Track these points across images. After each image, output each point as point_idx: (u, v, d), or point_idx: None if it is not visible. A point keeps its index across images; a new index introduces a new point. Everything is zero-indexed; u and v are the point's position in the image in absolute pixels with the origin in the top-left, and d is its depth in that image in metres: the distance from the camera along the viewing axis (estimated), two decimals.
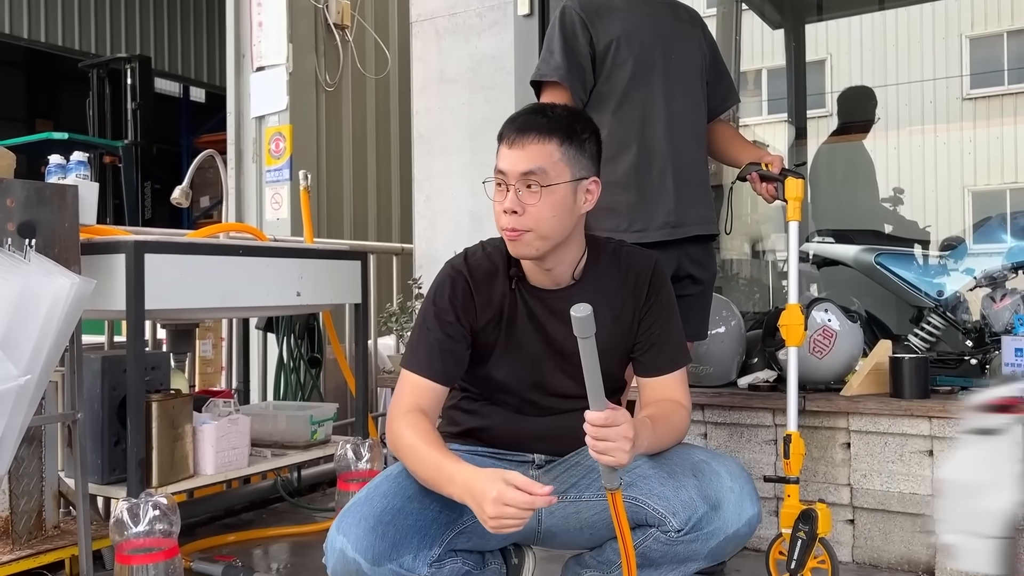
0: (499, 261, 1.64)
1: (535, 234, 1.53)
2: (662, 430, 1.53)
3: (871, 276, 3.62)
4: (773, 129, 5.59)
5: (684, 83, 2.19)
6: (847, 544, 2.39)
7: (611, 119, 2.13)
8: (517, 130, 1.53)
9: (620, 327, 1.65)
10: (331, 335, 3.16)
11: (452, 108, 3.50)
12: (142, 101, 6.44)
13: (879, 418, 2.33)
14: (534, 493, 1.29)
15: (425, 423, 1.52)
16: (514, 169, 1.52)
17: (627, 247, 1.73)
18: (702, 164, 2.24)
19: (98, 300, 2.06)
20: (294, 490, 3.17)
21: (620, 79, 2.14)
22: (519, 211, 1.51)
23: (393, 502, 1.45)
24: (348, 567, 1.39)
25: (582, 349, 1.23)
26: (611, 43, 2.13)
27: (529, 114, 1.58)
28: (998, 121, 7.52)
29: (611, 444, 1.30)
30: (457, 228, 3.46)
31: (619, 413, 1.31)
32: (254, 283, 2.34)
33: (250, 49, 4.19)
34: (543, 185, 1.51)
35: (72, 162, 2.18)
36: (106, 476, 2.20)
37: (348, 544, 1.39)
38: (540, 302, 1.63)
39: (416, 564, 1.41)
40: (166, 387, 2.33)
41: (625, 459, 1.31)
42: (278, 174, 4.02)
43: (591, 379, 1.26)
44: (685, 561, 1.50)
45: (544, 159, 1.52)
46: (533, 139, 1.52)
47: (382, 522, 1.41)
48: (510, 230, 1.53)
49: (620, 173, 2.12)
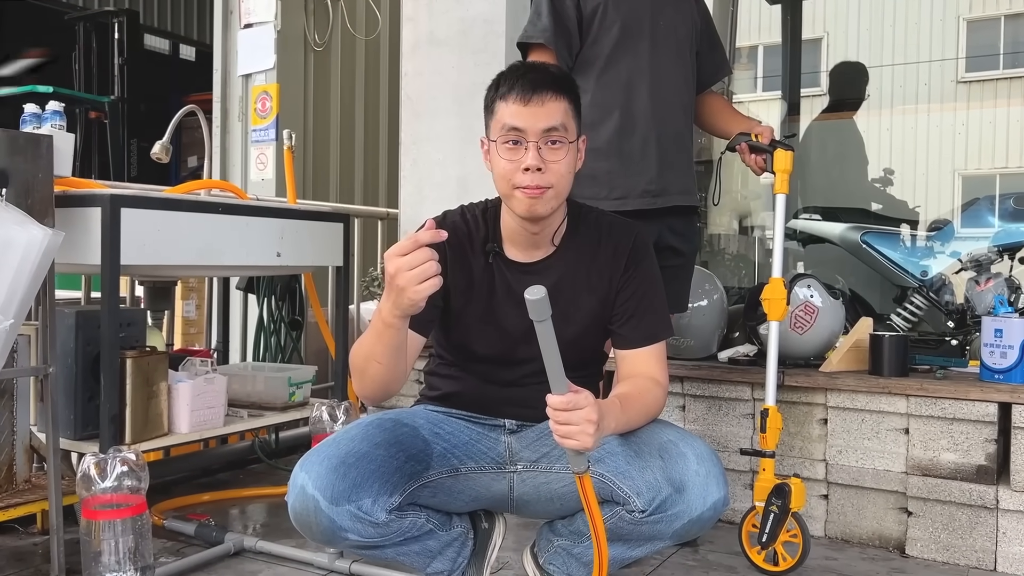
0: (475, 231, 1.61)
1: (554, 191, 1.50)
2: (633, 410, 1.50)
3: (856, 254, 3.62)
4: (767, 106, 5.56)
5: (672, 50, 2.15)
6: (820, 519, 2.40)
7: (595, 84, 2.11)
8: (531, 87, 1.49)
9: (596, 297, 1.62)
10: (312, 298, 3.13)
11: (442, 71, 3.44)
12: (129, 57, 6.35)
13: (857, 395, 2.34)
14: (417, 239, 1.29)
15: None
16: (535, 126, 1.48)
17: (609, 216, 1.70)
18: (686, 134, 2.20)
19: (73, 254, 2.04)
20: (272, 452, 3.17)
21: (606, 43, 2.10)
22: (543, 168, 1.48)
23: (360, 446, 1.45)
24: (307, 504, 1.39)
25: (539, 332, 1.19)
26: (598, 6, 2.10)
27: (533, 71, 1.54)
28: (991, 105, 7.51)
29: (574, 428, 1.26)
30: (444, 193, 3.42)
31: (581, 396, 1.27)
32: (233, 242, 2.31)
33: (238, 5, 4.11)
34: (570, 141, 1.51)
35: (48, 112, 2.12)
36: (79, 432, 2.18)
37: (309, 481, 1.39)
38: (519, 275, 1.60)
39: (374, 509, 1.40)
40: (142, 344, 2.30)
41: (590, 443, 1.27)
42: (264, 134, 3.96)
43: (550, 362, 1.23)
44: (651, 540, 1.49)
45: (563, 115, 1.50)
46: (550, 96, 1.49)
47: (345, 463, 1.40)
48: (532, 188, 1.48)
49: (602, 140, 2.10)
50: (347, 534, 1.40)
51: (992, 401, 2.17)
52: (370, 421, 1.54)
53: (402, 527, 1.46)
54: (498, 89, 1.53)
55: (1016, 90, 7.88)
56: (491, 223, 1.62)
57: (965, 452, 2.20)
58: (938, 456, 2.24)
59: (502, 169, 1.51)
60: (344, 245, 2.72)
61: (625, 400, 1.49)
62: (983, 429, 2.18)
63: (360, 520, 1.40)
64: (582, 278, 1.60)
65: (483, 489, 1.62)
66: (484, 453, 1.63)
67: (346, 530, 1.40)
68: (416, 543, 1.53)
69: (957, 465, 2.21)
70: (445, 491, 1.55)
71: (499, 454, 1.64)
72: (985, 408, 2.18)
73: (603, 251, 1.62)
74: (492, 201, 1.65)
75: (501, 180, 1.52)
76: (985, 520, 2.18)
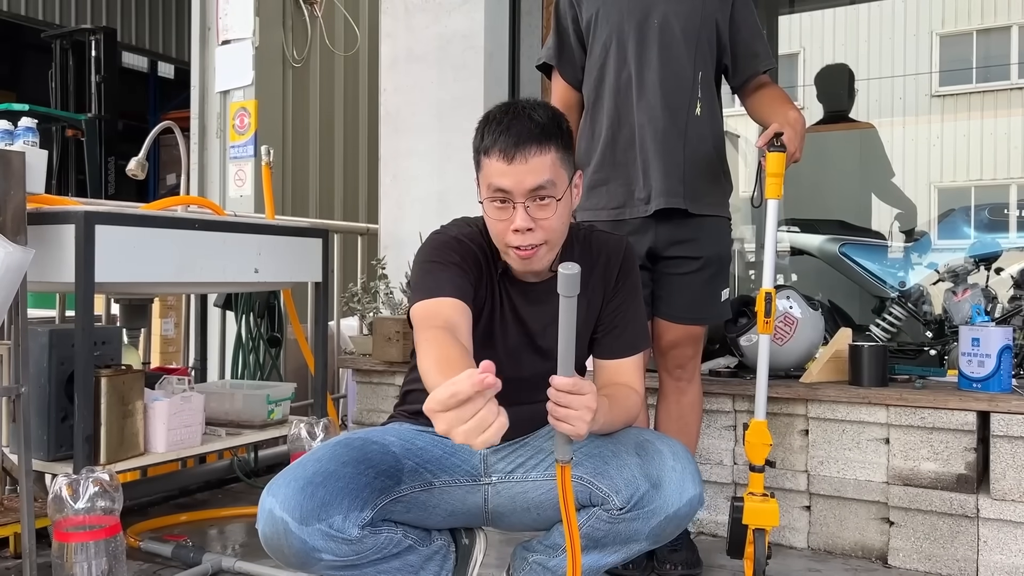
0: (479, 252, 1.58)
1: (547, 246, 1.49)
2: (617, 411, 1.52)
3: (835, 266, 3.64)
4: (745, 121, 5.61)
5: (665, 49, 2.04)
6: (803, 530, 2.40)
7: (593, 94, 2.13)
8: (513, 143, 1.44)
9: (590, 313, 1.63)
10: (291, 314, 3.11)
11: (421, 86, 3.45)
12: (107, 74, 6.30)
13: (837, 405, 2.34)
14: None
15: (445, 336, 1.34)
16: (521, 186, 1.44)
17: (597, 231, 1.71)
18: (672, 134, 2.05)
19: (47, 272, 2.01)
20: (251, 471, 3.13)
21: (598, 53, 2.11)
22: (533, 227, 1.46)
23: (327, 466, 1.42)
24: (276, 527, 1.36)
25: (562, 308, 1.17)
26: (592, 17, 2.10)
27: (515, 120, 1.46)
28: (965, 118, 7.62)
29: (573, 412, 1.25)
30: (424, 209, 3.42)
31: (586, 383, 1.27)
32: (210, 258, 2.29)
33: (216, 22, 4.10)
34: (557, 198, 1.47)
35: (20, 128, 2.10)
36: (52, 452, 2.14)
37: (276, 504, 1.36)
38: (523, 296, 1.60)
39: (346, 525, 1.37)
40: (117, 362, 2.27)
41: (584, 429, 1.26)
42: (242, 150, 3.95)
43: (565, 342, 1.21)
44: (628, 542, 1.49)
45: (549, 170, 1.45)
46: (534, 151, 1.44)
47: (312, 483, 1.38)
48: (524, 249, 1.46)
49: (599, 151, 2.11)
50: (321, 554, 1.37)
51: (971, 410, 2.18)
52: (337, 441, 1.52)
53: (377, 543, 1.44)
54: (482, 140, 1.49)
55: (989, 103, 8.00)
56: (491, 243, 1.59)
57: (945, 461, 2.21)
58: (918, 466, 2.24)
59: (493, 228, 1.50)
60: (323, 261, 2.70)
61: (611, 400, 1.50)
62: (962, 438, 2.19)
63: (332, 538, 1.37)
64: (581, 297, 1.60)
65: (458, 503, 1.61)
66: (458, 467, 1.61)
67: (319, 550, 1.36)
68: (396, 559, 1.50)
69: (937, 474, 2.22)
70: (420, 506, 1.53)
71: (474, 467, 1.63)
72: (964, 417, 2.19)
73: (597, 267, 1.63)
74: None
75: (495, 238, 1.52)
76: (966, 529, 2.18)
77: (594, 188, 2.12)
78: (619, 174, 2.10)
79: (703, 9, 2.06)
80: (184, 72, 8.76)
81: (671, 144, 2.05)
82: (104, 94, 6.27)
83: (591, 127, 2.14)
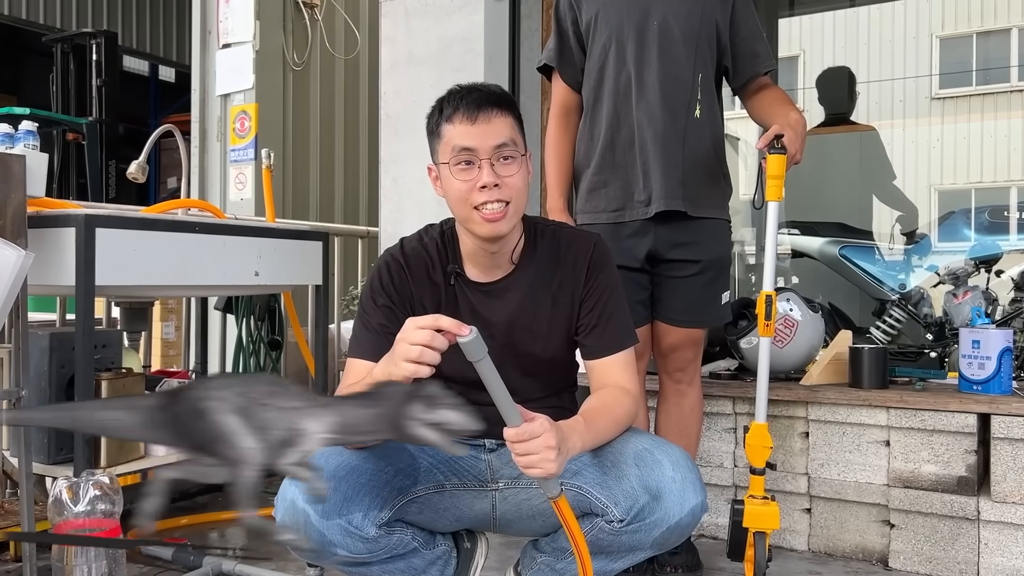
0: (435, 253, 1.60)
1: (513, 207, 1.50)
2: (601, 424, 1.48)
3: (835, 268, 3.64)
4: (746, 123, 5.62)
5: (665, 50, 2.03)
6: (803, 533, 2.40)
7: (593, 96, 2.12)
8: (476, 105, 1.49)
9: (560, 312, 1.61)
10: (292, 317, 3.11)
11: (421, 90, 3.45)
12: (107, 78, 6.31)
13: (838, 407, 2.34)
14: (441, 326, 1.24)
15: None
16: (486, 143, 1.48)
17: (566, 229, 1.69)
18: (672, 136, 2.04)
19: (47, 275, 2.01)
20: None
21: (597, 55, 2.10)
22: (499, 183, 1.47)
23: (349, 459, 1.43)
24: (297, 518, 1.37)
25: (480, 372, 1.20)
26: (591, 19, 2.10)
27: (475, 91, 1.53)
28: (965, 120, 7.63)
29: (535, 457, 1.26)
30: (424, 211, 3.41)
31: (536, 423, 1.27)
32: (210, 261, 2.29)
33: (216, 25, 4.11)
34: (521, 154, 1.51)
35: (21, 131, 2.10)
36: (52, 456, 2.15)
37: (299, 495, 1.37)
38: (481, 295, 1.59)
39: (365, 524, 1.39)
40: (117, 365, 2.27)
41: (553, 468, 1.26)
42: (243, 153, 3.96)
43: (498, 398, 1.23)
44: (632, 550, 1.48)
45: (510, 131, 1.50)
46: (495, 112, 1.49)
47: (335, 476, 1.39)
48: (492, 204, 1.48)
49: (598, 152, 2.10)
50: (336, 549, 1.39)
51: (971, 412, 2.18)
52: None
53: (390, 543, 1.45)
54: (442, 112, 1.52)
55: (989, 105, 8.00)
56: (450, 245, 1.61)
57: (946, 463, 2.21)
58: (919, 468, 2.24)
59: (457, 191, 1.50)
60: (324, 263, 2.70)
61: (591, 416, 1.47)
62: (963, 440, 2.19)
63: (350, 535, 1.38)
64: (545, 294, 1.60)
65: (466, 508, 1.61)
66: (466, 471, 1.61)
67: (336, 545, 1.38)
68: (401, 560, 1.51)
69: (938, 477, 2.22)
70: (431, 508, 1.54)
71: (480, 472, 1.63)
72: (964, 419, 2.18)
73: (563, 265, 1.61)
74: (447, 223, 1.64)
75: (458, 203, 1.51)
76: (967, 531, 2.18)
77: (593, 191, 2.12)
78: (618, 176, 2.09)
79: (703, 10, 2.06)
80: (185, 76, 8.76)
81: (670, 146, 2.04)
82: (105, 98, 6.28)
83: (590, 129, 2.14)
